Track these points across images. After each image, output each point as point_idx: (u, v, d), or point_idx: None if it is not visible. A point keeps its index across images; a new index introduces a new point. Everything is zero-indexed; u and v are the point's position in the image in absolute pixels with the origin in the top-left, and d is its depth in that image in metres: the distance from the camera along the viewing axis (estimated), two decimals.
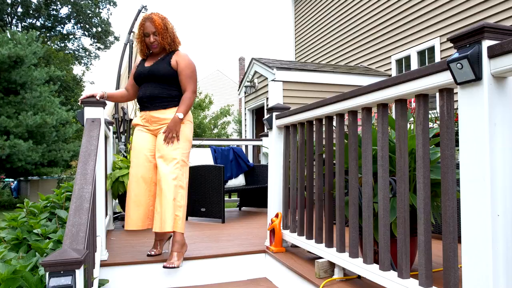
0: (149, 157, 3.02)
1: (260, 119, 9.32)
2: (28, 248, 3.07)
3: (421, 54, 7.71)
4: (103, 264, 2.88)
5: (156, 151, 2.98)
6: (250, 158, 7.49)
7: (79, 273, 1.72)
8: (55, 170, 13.00)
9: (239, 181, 5.69)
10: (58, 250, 1.76)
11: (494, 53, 1.41)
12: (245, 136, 9.63)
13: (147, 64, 3.08)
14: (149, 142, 3.05)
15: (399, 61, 8.26)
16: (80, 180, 2.32)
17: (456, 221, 1.63)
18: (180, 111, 2.94)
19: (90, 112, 2.91)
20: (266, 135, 6.04)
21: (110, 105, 5.27)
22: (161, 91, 2.98)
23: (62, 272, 1.67)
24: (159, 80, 2.98)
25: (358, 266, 2.24)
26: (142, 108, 3.08)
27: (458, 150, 3.55)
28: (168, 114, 2.98)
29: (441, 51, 7.19)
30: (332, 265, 2.55)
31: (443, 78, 1.62)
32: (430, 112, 5.84)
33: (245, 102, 9.48)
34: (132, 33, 5.51)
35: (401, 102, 1.97)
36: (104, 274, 2.83)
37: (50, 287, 1.63)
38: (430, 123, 5.42)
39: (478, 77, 1.44)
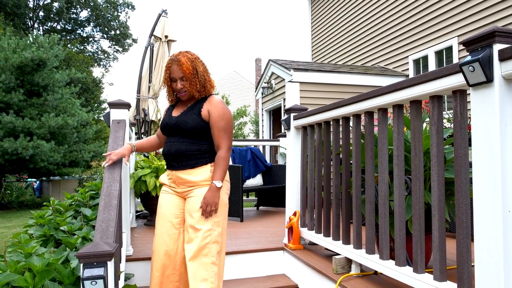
0: (175, 224, 2.53)
1: (277, 120, 9.41)
2: (55, 244, 3.22)
3: (438, 54, 7.69)
4: (129, 259, 3.01)
5: (185, 218, 2.50)
6: (268, 158, 7.58)
7: (111, 265, 1.84)
8: (76, 170, 13.28)
9: (257, 180, 5.79)
10: (90, 243, 1.88)
11: (504, 56, 1.47)
12: (262, 137, 9.72)
13: (175, 113, 2.59)
14: (175, 206, 2.56)
15: (416, 61, 8.24)
16: (108, 178, 2.45)
17: (469, 217, 1.70)
18: (218, 178, 2.43)
19: (115, 114, 3.04)
20: (284, 136, 6.12)
21: (131, 107, 5.42)
22: (189, 146, 2.49)
23: (95, 263, 1.79)
24: (187, 134, 2.50)
25: (374, 262, 2.31)
26: (168, 166, 2.60)
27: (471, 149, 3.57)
28: (197, 175, 2.48)
29: (459, 51, 7.16)
30: (349, 261, 2.62)
31: (456, 80, 1.69)
32: (444, 113, 5.83)
33: (262, 103, 9.57)
34: (152, 37, 5.65)
35: (416, 103, 2.04)
36: (129, 269, 2.95)
37: (84, 277, 1.75)
38: (448, 123, 5.43)
39: (489, 79, 1.50)
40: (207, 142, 2.52)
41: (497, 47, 1.50)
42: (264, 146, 7.36)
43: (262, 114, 9.66)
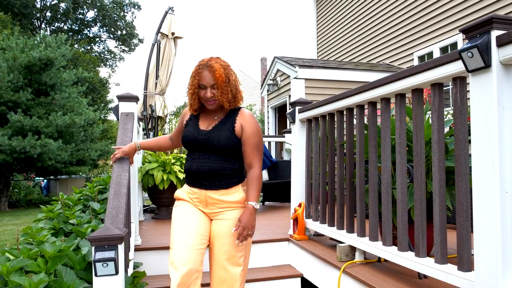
0: (201, 240, 2.23)
1: (283, 117, 9.46)
2: (64, 237, 3.30)
3: (444, 50, 7.70)
4: (137, 249, 3.08)
5: (214, 243, 2.26)
6: (273, 154, 7.63)
7: (121, 248, 1.90)
8: (83, 169, 13.41)
9: (263, 176, 5.85)
10: (101, 228, 1.95)
11: (502, 42, 1.52)
12: (268, 133, 9.77)
13: (203, 125, 2.31)
14: (203, 224, 2.27)
15: (421, 58, 8.26)
16: (118, 168, 2.51)
17: (469, 200, 1.74)
18: (254, 199, 2.21)
19: (124, 107, 3.11)
20: (289, 132, 6.17)
21: (139, 103, 5.50)
22: (223, 165, 2.25)
23: (106, 246, 1.86)
24: (219, 152, 2.24)
25: (378, 248, 2.36)
26: (194, 184, 2.30)
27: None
28: (230, 195, 2.26)
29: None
30: (353, 249, 2.67)
31: (456, 67, 1.74)
32: (449, 108, 5.85)
33: (268, 100, 9.62)
34: (159, 34, 5.73)
35: (417, 91, 2.08)
36: (138, 258, 3.02)
37: (96, 260, 1.81)
38: (452, 117, 5.46)
39: (487, 65, 1.55)
40: (238, 161, 2.31)
41: (495, 33, 1.55)
42: (269, 142, 7.41)
43: (268, 111, 9.72)
